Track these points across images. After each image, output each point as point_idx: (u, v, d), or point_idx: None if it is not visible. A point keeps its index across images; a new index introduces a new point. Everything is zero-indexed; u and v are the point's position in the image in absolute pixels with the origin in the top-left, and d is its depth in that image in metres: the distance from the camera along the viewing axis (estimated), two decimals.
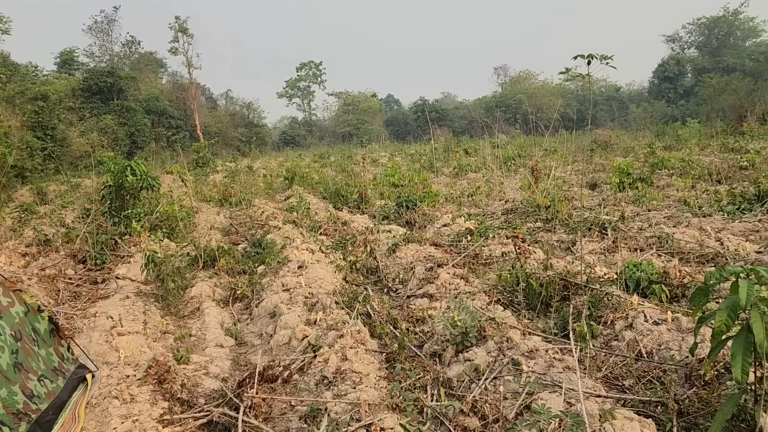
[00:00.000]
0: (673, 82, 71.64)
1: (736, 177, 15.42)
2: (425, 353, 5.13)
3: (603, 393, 3.98)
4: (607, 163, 20.39)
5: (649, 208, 11.56)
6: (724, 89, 47.10)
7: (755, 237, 8.58)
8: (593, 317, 5.33)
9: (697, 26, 77.88)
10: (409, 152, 34.34)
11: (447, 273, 6.74)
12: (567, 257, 7.62)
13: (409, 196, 11.65)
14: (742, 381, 3.02)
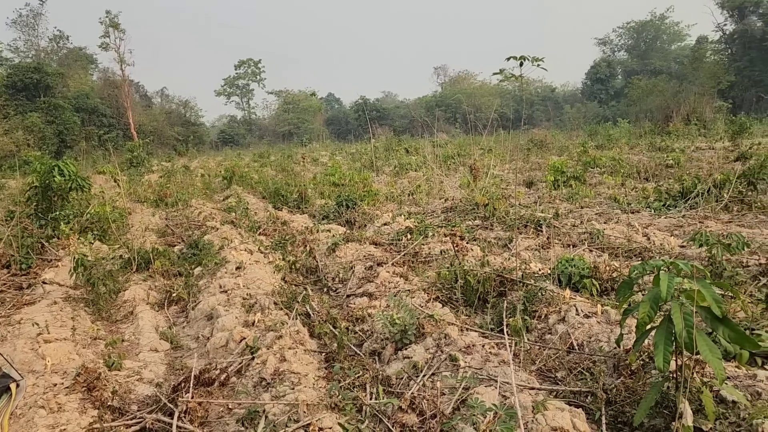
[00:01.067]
0: (605, 83, 74.25)
1: (663, 175, 16.13)
2: (365, 352, 5.14)
3: (536, 385, 4.09)
4: (543, 161, 20.96)
5: (581, 205, 11.95)
6: (652, 91, 49.16)
7: (679, 232, 9.00)
8: (528, 312, 5.47)
9: (626, 30, 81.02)
10: (350, 151, 34.34)
11: (387, 272, 6.77)
12: (504, 254, 7.78)
13: (349, 196, 11.64)
14: (664, 369, 3.16)
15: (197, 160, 36.81)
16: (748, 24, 62.69)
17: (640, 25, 79.07)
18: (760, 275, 6.32)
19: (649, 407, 3.35)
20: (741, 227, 9.08)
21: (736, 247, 6.63)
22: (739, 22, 63.73)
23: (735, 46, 64.18)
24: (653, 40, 79.76)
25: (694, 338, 3.07)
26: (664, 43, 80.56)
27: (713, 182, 11.35)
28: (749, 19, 62.95)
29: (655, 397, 3.38)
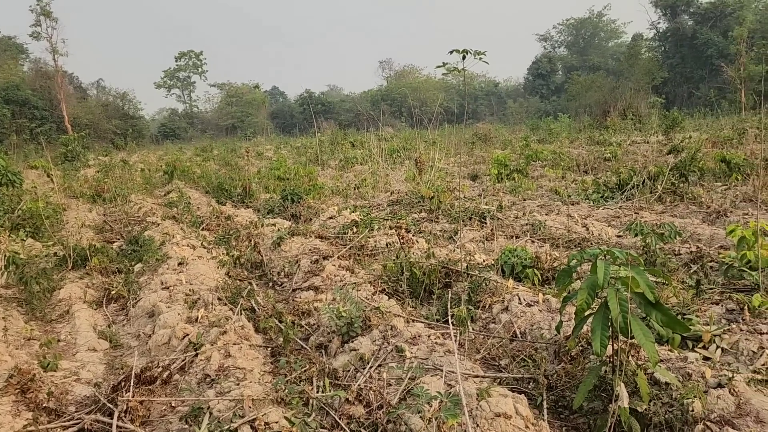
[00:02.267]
0: (546, 78, 75.97)
1: (601, 168, 16.66)
2: (311, 345, 5.12)
3: (481, 373, 4.17)
4: (487, 155, 21.31)
5: (524, 198, 12.22)
6: (590, 86, 50.62)
7: (616, 222, 9.33)
8: (473, 302, 5.56)
9: (566, 27, 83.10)
10: (296, 145, 34.04)
11: (332, 265, 6.76)
12: (449, 246, 7.88)
13: (294, 190, 11.54)
14: (602, 354, 3.27)
15: (137, 154, 35.72)
16: (680, 22, 65.28)
17: (579, 22, 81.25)
18: (690, 262, 6.62)
19: (588, 391, 3.46)
20: (673, 217, 9.48)
21: (668, 236, 6.92)
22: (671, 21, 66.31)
23: (668, 44, 66.75)
24: (591, 37, 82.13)
25: (629, 323, 3.18)
26: (601, 40, 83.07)
27: (648, 175, 11.80)
28: (681, 17, 65.57)
29: (593, 381, 3.49)
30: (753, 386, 3.70)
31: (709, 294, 5.39)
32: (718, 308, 5.03)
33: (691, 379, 3.69)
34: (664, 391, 3.58)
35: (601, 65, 70.02)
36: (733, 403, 3.44)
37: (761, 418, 3.31)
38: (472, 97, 77.88)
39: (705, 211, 9.85)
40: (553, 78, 76.40)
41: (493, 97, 78.55)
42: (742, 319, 4.75)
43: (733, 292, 5.37)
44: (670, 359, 3.99)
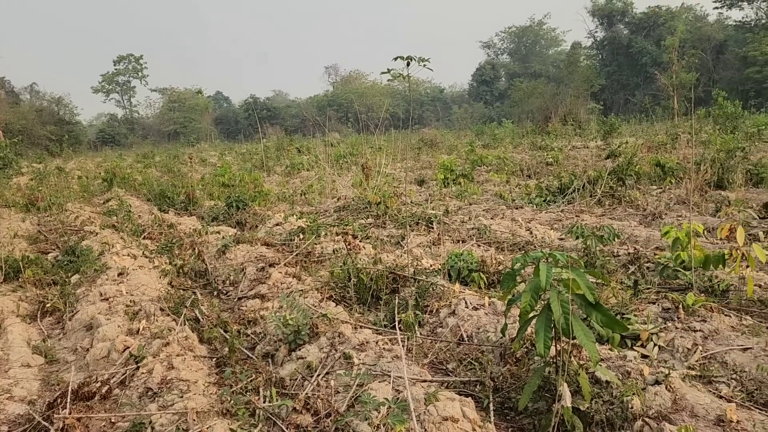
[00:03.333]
0: (490, 85, 77.42)
1: (543, 172, 17.07)
2: (257, 355, 5.04)
3: (428, 378, 4.19)
4: (433, 160, 21.52)
5: (470, 202, 12.38)
6: (532, 93, 51.79)
7: (558, 225, 9.56)
8: (420, 307, 5.58)
9: (508, 34, 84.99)
10: (241, 151, 33.55)
11: (279, 272, 6.68)
12: (397, 251, 7.91)
13: (239, 196, 11.36)
14: (545, 354, 3.34)
15: (73, 161, 34.46)
16: (616, 32, 67.74)
17: (520, 30, 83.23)
18: (629, 263, 6.83)
19: (532, 392, 3.53)
20: (612, 220, 9.78)
21: (607, 239, 7.14)
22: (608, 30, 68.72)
23: (605, 52, 69.13)
24: (533, 45, 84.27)
25: (571, 324, 3.26)
26: (542, 47, 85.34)
27: (587, 179, 12.16)
28: (617, 27, 68.04)
29: (538, 381, 3.56)
30: (688, 382, 3.84)
31: (646, 294, 5.58)
32: (655, 307, 5.21)
33: (631, 377, 3.80)
34: (605, 390, 3.68)
35: (543, 72, 71.88)
36: (669, 399, 3.57)
37: (695, 413, 3.44)
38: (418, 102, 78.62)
39: (642, 213, 10.22)
40: (496, 84, 77.96)
41: (439, 103, 79.55)
42: (677, 318, 4.94)
43: (668, 292, 5.58)
44: (610, 358, 4.11)
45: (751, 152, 16.40)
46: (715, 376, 4.15)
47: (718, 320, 4.87)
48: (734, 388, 3.99)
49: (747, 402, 3.79)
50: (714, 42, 59.70)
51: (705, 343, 4.55)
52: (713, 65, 58.97)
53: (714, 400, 3.59)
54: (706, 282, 5.81)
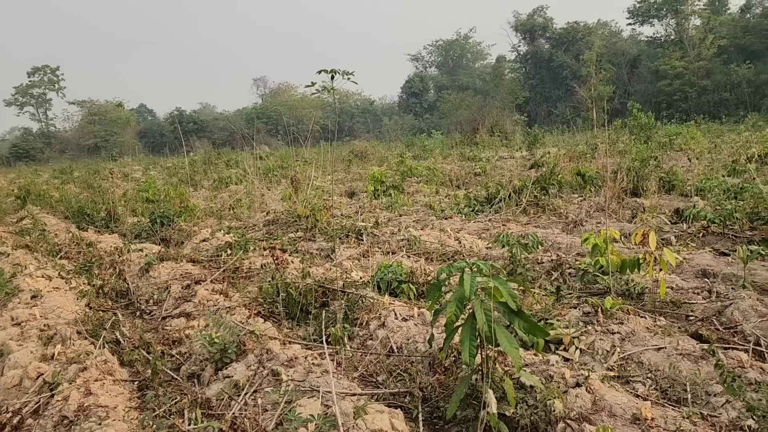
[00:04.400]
0: (419, 97, 78.67)
1: (472, 182, 17.45)
2: (182, 375, 4.88)
3: (358, 391, 4.17)
4: (364, 172, 21.60)
5: (400, 213, 12.48)
6: (460, 105, 53.01)
7: (486, 234, 9.77)
8: (350, 320, 5.57)
9: (435, 48, 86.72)
10: (166, 165, 32.59)
11: (205, 289, 6.51)
12: (326, 264, 7.86)
13: (164, 212, 11.02)
14: (471, 363, 3.39)
15: None
16: (538, 46, 70.33)
17: (447, 43, 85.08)
18: (552, 270, 7.05)
19: (459, 400, 3.57)
20: (537, 228, 10.09)
21: (532, 246, 7.35)
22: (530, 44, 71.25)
23: (528, 66, 71.62)
24: (459, 58, 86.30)
25: (494, 332, 3.33)
26: (469, 60, 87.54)
27: (513, 188, 12.50)
28: (539, 41, 70.66)
29: (465, 390, 3.61)
30: (607, 383, 3.99)
31: (568, 299, 5.77)
32: (576, 312, 5.39)
33: (553, 380, 3.91)
34: (530, 394, 3.77)
35: (470, 85, 73.69)
36: (589, 400, 3.69)
37: (614, 412, 3.57)
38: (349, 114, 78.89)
39: (564, 221, 10.59)
40: (425, 96, 79.31)
41: (369, 115, 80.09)
42: (597, 321, 5.13)
43: (588, 296, 5.79)
44: (534, 363, 4.21)
45: (663, 161, 17.34)
46: (632, 376, 4.33)
47: (635, 322, 5.09)
48: (649, 386, 4.18)
49: (661, 399, 3.97)
50: (628, 56, 62.93)
51: (622, 344, 4.75)
52: (628, 78, 62.11)
53: (631, 400, 3.75)
54: (623, 286, 6.07)
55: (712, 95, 53.28)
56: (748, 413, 3.47)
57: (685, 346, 4.53)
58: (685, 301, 5.70)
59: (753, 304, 5.22)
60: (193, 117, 70.09)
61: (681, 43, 58.53)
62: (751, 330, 4.85)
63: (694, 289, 5.98)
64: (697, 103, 53.25)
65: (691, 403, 3.86)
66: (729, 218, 8.38)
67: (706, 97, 53.49)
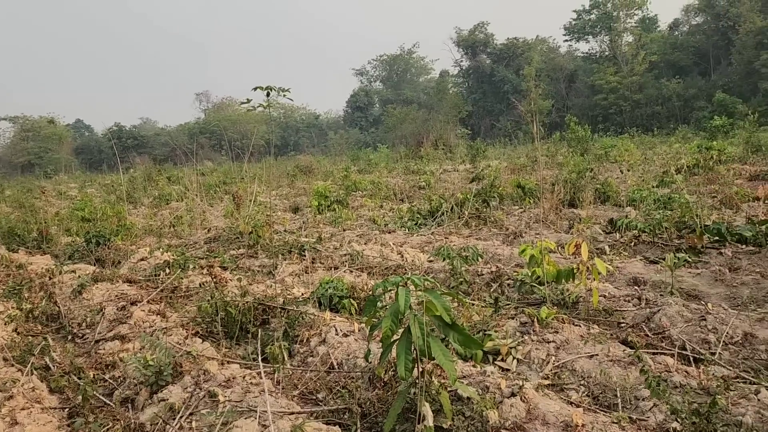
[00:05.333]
0: (364, 111, 79.12)
1: (416, 196, 17.59)
2: (116, 400, 4.72)
3: (297, 409, 4.13)
4: (309, 187, 21.50)
5: (344, 228, 12.48)
6: (405, 119, 53.52)
7: (429, 248, 9.86)
8: (290, 337, 5.52)
9: (380, 62, 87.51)
10: (105, 182, 31.62)
11: (141, 310, 6.33)
12: (268, 281, 7.77)
13: (100, 231, 10.67)
14: (406, 377, 3.41)
15: None
16: (480, 61, 71.90)
17: (391, 58, 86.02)
18: (491, 281, 7.17)
19: (397, 414, 3.59)
20: (479, 240, 10.26)
21: (472, 259, 7.48)
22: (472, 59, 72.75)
23: (471, 80, 73.09)
24: (404, 73, 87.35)
25: (428, 345, 3.37)
26: (413, 75, 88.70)
27: (455, 201, 12.68)
28: (480, 56, 72.25)
29: (402, 404, 3.62)
30: (541, 391, 4.09)
31: (506, 310, 5.88)
32: (514, 322, 5.50)
33: (489, 391, 3.98)
34: (467, 406, 3.82)
35: (414, 99, 74.63)
36: (524, 409, 3.77)
37: (547, 420, 3.66)
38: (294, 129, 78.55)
39: (504, 233, 10.80)
40: (371, 110, 79.83)
41: (314, 129, 79.94)
42: (533, 331, 5.25)
43: (526, 307, 5.91)
44: (471, 374, 4.27)
45: (599, 172, 17.95)
46: (565, 383, 4.45)
47: (569, 330, 5.23)
48: (582, 393, 4.30)
49: (593, 405, 4.09)
50: (566, 71, 65.09)
51: (557, 353, 4.87)
52: (566, 93, 64.19)
53: (563, 407, 3.84)
54: (558, 295, 6.24)
55: (645, 109, 55.61)
56: (672, 416, 3.62)
57: (615, 352, 4.69)
58: (616, 308, 5.90)
59: (679, 310, 5.45)
60: (133, 132, 68.41)
61: (615, 59, 60.95)
62: (678, 335, 5.06)
63: (626, 297, 6.19)
64: (631, 116, 55.47)
65: (621, 408, 3.99)
66: (658, 227, 8.74)
67: (640, 110, 55.79)
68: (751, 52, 50.66)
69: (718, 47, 58.05)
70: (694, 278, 6.84)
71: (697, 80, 56.53)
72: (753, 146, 20.34)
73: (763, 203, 10.85)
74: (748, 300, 5.97)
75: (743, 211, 10.71)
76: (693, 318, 5.27)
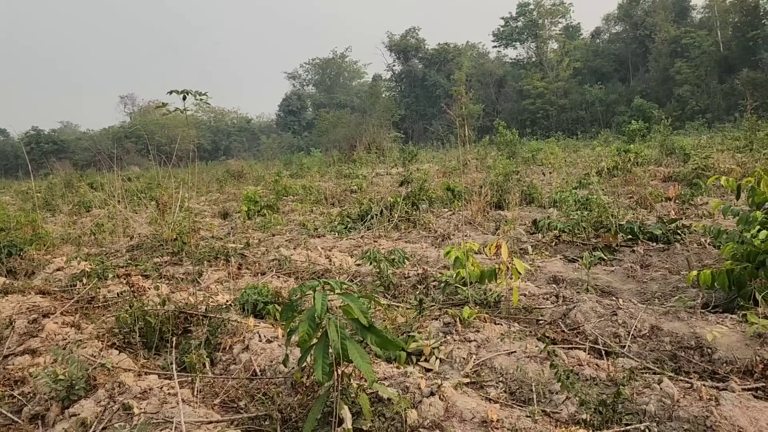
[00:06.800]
0: (297, 115, 78.60)
1: (348, 200, 17.59)
2: (24, 417, 4.50)
3: (216, 418, 4.06)
4: (239, 192, 21.15)
5: (273, 233, 12.33)
6: (338, 122, 53.57)
7: (357, 251, 9.88)
8: (212, 345, 5.41)
9: (312, 66, 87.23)
10: (21, 189, 30.09)
11: (54, 323, 6.06)
12: (191, 288, 7.59)
13: (12, 240, 10.14)
14: (324, 380, 3.41)
15: None
16: (412, 65, 72.78)
17: (324, 62, 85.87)
18: (417, 284, 7.27)
19: (316, 419, 3.58)
20: (408, 243, 10.36)
21: (398, 261, 7.55)
22: (404, 64, 73.54)
23: (403, 84, 73.86)
24: (337, 76, 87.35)
25: (345, 348, 3.38)
26: (346, 79, 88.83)
27: (385, 205, 12.77)
28: (412, 61, 73.15)
29: (321, 408, 3.62)
30: (460, 390, 4.17)
31: (430, 311, 5.97)
32: (437, 323, 5.59)
33: (410, 391, 4.02)
34: (387, 407, 3.85)
35: (347, 102, 74.75)
36: (442, 407, 3.83)
37: (464, 417, 3.74)
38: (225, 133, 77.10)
39: (433, 235, 10.96)
40: (303, 114, 79.38)
41: (246, 133, 78.78)
42: (456, 330, 5.35)
43: (449, 307, 6.02)
44: (393, 376, 4.31)
45: (526, 174, 18.50)
46: (485, 381, 4.55)
47: (490, 329, 5.36)
48: (500, 389, 4.41)
49: (510, 401, 4.21)
50: (495, 77, 66.80)
51: (478, 351, 4.98)
52: (496, 97, 65.85)
53: (480, 404, 3.93)
54: (481, 295, 6.37)
55: (570, 113, 57.76)
56: (582, 407, 3.76)
57: (532, 349, 4.83)
58: (536, 306, 6.09)
59: (593, 306, 5.68)
60: (53, 137, 65.44)
61: (541, 65, 63.06)
62: (591, 330, 5.27)
63: (545, 295, 6.39)
64: (557, 120, 57.49)
65: (536, 402, 4.12)
66: (577, 227, 9.08)
67: (565, 114, 57.90)
68: (666, 59, 53.55)
69: (637, 55, 61.02)
70: (609, 275, 7.15)
71: (617, 86, 59.22)
72: (667, 149, 21.45)
73: (673, 203, 11.47)
74: (656, 295, 6.29)
75: (656, 210, 11.29)
76: (605, 313, 5.51)
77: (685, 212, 10.84)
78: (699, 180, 12.82)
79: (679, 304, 5.67)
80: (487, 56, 73.58)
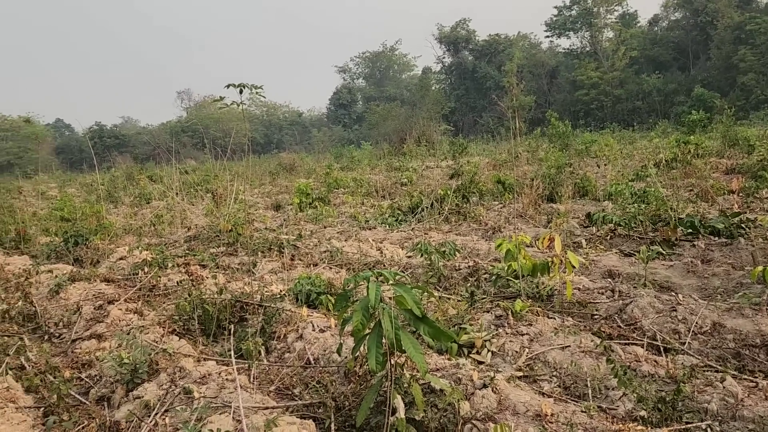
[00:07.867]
0: (347, 108, 78.97)
1: (398, 192, 17.63)
2: (92, 399, 4.72)
3: (272, 404, 4.16)
4: (291, 184, 21.47)
5: (325, 225, 12.50)
6: (388, 116, 53.54)
7: (408, 244, 9.91)
8: (267, 333, 5.55)
9: (362, 59, 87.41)
10: (85, 182, 31.33)
11: (119, 309, 6.32)
12: (246, 278, 7.78)
13: (78, 231, 10.59)
14: (377, 370, 3.46)
15: None
16: (462, 57, 72.05)
17: (374, 55, 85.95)
18: (469, 276, 7.25)
19: (369, 407, 3.63)
20: (458, 235, 10.33)
21: (449, 254, 7.54)
22: (455, 56, 72.89)
23: (453, 77, 73.20)
24: (386, 69, 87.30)
25: (398, 338, 3.41)
26: (396, 72, 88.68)
27: (435, 197, 12.75)
28: (463, 53, 72.40)
29: (374, 397, 3.67)
30: (512, 383, 4.15)
31: (481, 303, 5.95)
32: (489, 315, 5.57)
33: (462, 382, 4.04)
34: (440, 398, 3.87)
35: (397, 96, 74.64)
36: (495, 400, 3.83)
37: (517, 410, 3.73)
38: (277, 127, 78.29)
39: (484, 228, 10.89)
40: (354, 108, 79.71)
41: (298, 127, 79.71)
42: (508, 324, 5.32)
43: (501, 300, 5.99)
44: (445, 367, 4.33)
45: (579, 167, 18.12)
46: (538, 374, 4.52)
47: (543, 323, 5.31)
48: (554, 384, 4.37)
49: (564, 395, 4.17)
50: (548, 67, 65.46)
51: (531, 345, 4.95)
52: (548, 88, 64.57)
53: (534, 398, 3.91)
54: (533, 289, 6.31)
55: (626, 104, 56.12)
56: (640, 404, 3.70)
57: (587, 344, 4.77)
58: (590, 301, 5.99)
59: (651, 302, 5.55)
60: (114, 132, 67.78)
61: (596, 55, 61.42)
62: (649, 326, 5.16)
63: (600, 289, 6.28)
64: (612, 111, 55.95)
65: (591, 398, 4.07)
66: (633, 221, 8.86)
67: (620, 105, 56.29)
68: (729, 47, 51.34)
69: (697, 42, 58.76)
70: (667, 270, 6.97)
71: (676, 75, 57.19)
72: (730, 140, 20.61)
73: (737, 196, 11.04)
74: (718, 291, 6.09)
75: (718, 204, 10.89)
76: (664, 309, 5.38)
77: (749, 206, 10.42)
78: (764, 172, 12.30)
79: (743, 301, 5.49)
80: (539, 47, 72.15)
